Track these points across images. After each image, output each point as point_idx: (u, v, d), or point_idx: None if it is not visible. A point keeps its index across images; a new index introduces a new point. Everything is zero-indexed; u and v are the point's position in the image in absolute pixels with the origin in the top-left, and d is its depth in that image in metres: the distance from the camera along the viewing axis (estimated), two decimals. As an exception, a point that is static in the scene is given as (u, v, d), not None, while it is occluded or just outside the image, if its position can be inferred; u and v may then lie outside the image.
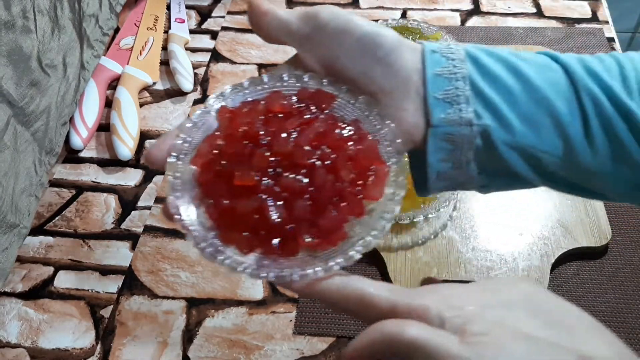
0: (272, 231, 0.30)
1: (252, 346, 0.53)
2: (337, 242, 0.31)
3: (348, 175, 0.31)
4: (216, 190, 0.31)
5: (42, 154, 0.62)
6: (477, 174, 0.34)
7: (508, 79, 0.32)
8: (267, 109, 0.33)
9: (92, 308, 0.56)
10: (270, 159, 0.31)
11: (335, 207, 0.31)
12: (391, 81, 0.32)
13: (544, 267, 0.55)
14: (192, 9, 0.90)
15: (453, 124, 0.32)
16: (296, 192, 0.30)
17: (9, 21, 0.56)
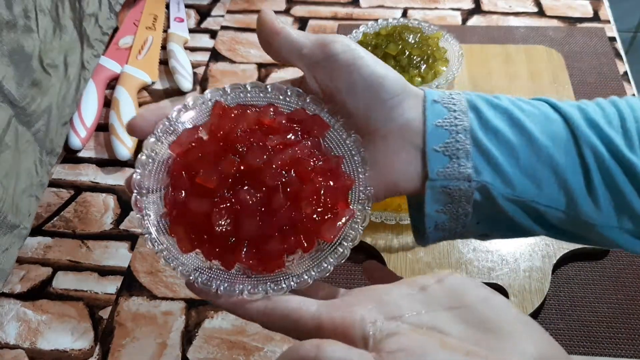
0: (215, 238, 0.30)
1: (251, 347, 0.52)
2: (273, 269, 0.30)
3: (307, 208, 0.30)
4: (179, 181, 0.31)
5: (42, 154, 0.62)
6: (476, 223, 0.33)
7: (510, 133, 0.31)
8: (257, 119, 0.33)
9: (90, 309, 0.56)
10: (238, 167, 0.30)
11: (283, 235, 0.30)
12: (389, 125, 0.32)
13: (546, 268, 0.55)
14: (191, 8, 0.90)
15: (451, 178, 0.31)
16: (248, 209, 0.30)
17: (10, 21, 0.55)
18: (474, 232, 0.34)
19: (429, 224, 0.33)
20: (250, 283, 0.30)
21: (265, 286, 0.30)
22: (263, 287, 0.30)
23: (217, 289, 0.30)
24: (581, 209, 0.31)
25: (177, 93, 0.77)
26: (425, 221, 0.33)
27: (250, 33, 0.86)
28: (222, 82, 0.78)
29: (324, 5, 0.90)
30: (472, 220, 0.33)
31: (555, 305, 0.53)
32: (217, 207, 0.30)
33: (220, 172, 0.30)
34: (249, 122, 0.32)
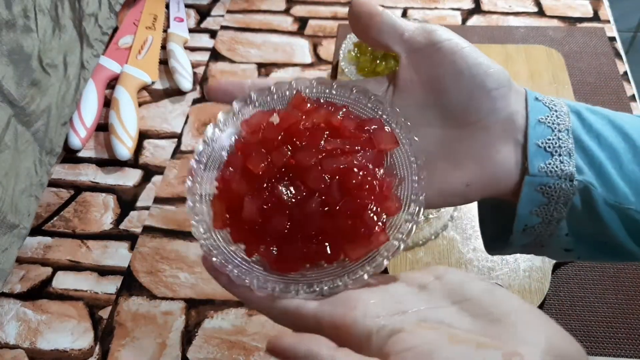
0: (244, 223, 0.30)
1: (251, 347, 0.52)
2: (288, 271, 0.30)
3: (342, 221, 0.30)
4: (234, 158, 0.31)
5: (42, 154, 0.62)
6: (565, 235, 0.32)
7: (612, 137, 0.31)
8: (326, 118, 0.32)
9: (90, 309, 0.56)
10: (288, 161, 0.30)
11: (308, 241, 0.30)
12: (492, 117, 0.31)
13: (546, 268, 0.55)
14: (191, 8, 0.90)
15: (552, 176, 0.30)
16: (280, 204, 0.29)
17: (9, 20, 0.55)
18: (557, 246, 0.33)
19: (518, 226, 0.32)
20: (282, 282, 0.30)
21: (296, 286, 0.29)
22: (294, 288, 0.29)
23: (250, 283, 0.29)
24: None
25: (177, 93, 0.77)
26: (515, 223, 0.32)
27: (250, 33, 0.86)
28: (222, 82, 0.78)
29: (324, 5, 0.90)
30: (562, 230, 0.32)
31: (555, 305, 0.53)
32: (254, 193, 0.29)
33: (270, 161, 0.30)
34: (317, 120, 0.31)
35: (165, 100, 0.76)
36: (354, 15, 0.33)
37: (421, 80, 0.32)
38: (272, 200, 0.30)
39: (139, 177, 0.67)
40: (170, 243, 0.61)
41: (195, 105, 0.75)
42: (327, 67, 0.79)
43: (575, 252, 0.34)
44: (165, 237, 0.61)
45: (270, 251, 0.30)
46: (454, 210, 0.60)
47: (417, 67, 0.32)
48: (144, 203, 0.65)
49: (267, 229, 0.30)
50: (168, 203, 0.64)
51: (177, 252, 0.60)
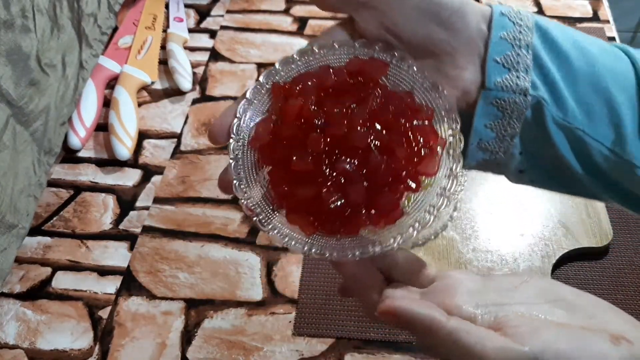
0: (332, 215, 0.31)
1: (251, 347, 0.52)
2: (394, 220, 0.31)
3: (403, 153, 0.31)
4: (276, 174, 0.32)
5: (41, 154, 0.62)
6: (519, 153, 0.33)
7: (574, 57, 0.31)
8: (320, 86, 0.33)
9: (90, 309, 0.56)
10: (325, 141, 0.31)
11: (391, 186, 0.31)
12: (454, 42, 0.32)
13: (545, 268, 0.55)
14: (190, 8, 0.90)
15: (507, 90, 0.31)
16: (353, 178, 0.30)
17: (8, 20, 0.55)
18: (512, 166, 0.34)
19: (473, 140, 0.33)
20: (378, 240, 0.31)
21: (373, 247, 0.30)
22: (372, 248, 0.30)
23: (351, 255, 0.30)
24: (628, 149, 0.31)
25: (177, 93, 0.77)
26: (471, 136, 0.33)
27: (250, 33, 0.85)
28: (221, 82, 0.78)
29: (323, 5, 0.89)
30: (515, 148, 0.33)
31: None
32: (323, 185, 0.30)
33: (311, 152, 0.31)
34: (314, 92, 0.32)
35: (164, 100, 0.76)
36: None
37: (377, 30, 0.33)
38: (341, 179, 0.30)
39: (138, 177, 0.67)
40: (169, 243, 0.61)
41: (195, 105, 0.75)
42: (327, 67, 0.79)
43: (527, 174, 0.35)
44: (165, 237, 0.61)
45: (369, 216, 0.31)
46: (453, 211, 0.60)
47: (369, 19, 0.33)
48: (144, 203, 0.65)
49: (353, 203, 0.30)
50: (167, 203, 0.64)
51: (176, 252, 0.60)
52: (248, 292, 0.56)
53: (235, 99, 0.80)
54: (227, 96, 0.76)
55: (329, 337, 0.53)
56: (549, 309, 0.29)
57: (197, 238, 0.61)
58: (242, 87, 0.77)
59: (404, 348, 0.52)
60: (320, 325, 0.53)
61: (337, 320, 0.54)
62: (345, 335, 0.53)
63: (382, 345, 0.52)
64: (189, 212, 0.63)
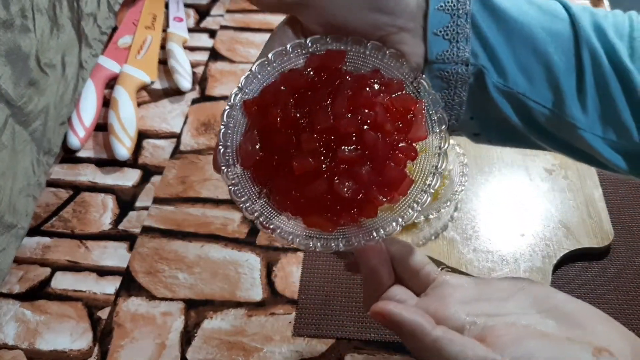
0: (349, 202, 0.31)
1: (251, 348, 0.52)
2: (406, 190, 0.31)
3: (392, 126, 0.31)
4: (280, 185, 0.32)
5: (40, 154, 0.62)
6: (470, 118, 0.34)
7: (512, 21, 0.31)
8: (290, 90, 0.33)
9: (89, 309, 0.56)
10: (317, 136, 0.31)
11: (392, 159, 0.31)
12: (397, 22, 0.32)
13: (546, 269, 0.55)
14: (190, 8, 0.89)
15: (449, 62, 0.32)
16: (356, 162, 0.31)
17: (7, 20, 0.55)
18: (467, 130, 0.35)
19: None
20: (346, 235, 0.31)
21: (377, 232, 0.31)
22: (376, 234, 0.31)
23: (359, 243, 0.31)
24: (568, 110, 0.31)
25: (176, 93, 0.77)
26: None
27: (250, 32, 0.85)
28: (221, 82, 0.78)
29: (323, 4, 0.89)
30: (465, 114, 0.33)
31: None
32: (332, 178, 0.31)
33: (307, 151, 0.31)
34: (287, 97, 0.33)
35: (164, 100, 0.76)
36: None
37: (318, 25, 0.33)
38: (346, 167, 0.31)
39: (138, 177, 0.67)
40: (169, 243, 0.61)
41: (195, 105, 0.75)
42: (327, 66, 0.79)
43: (483, 135, 0.35)
44: (164, 238, 0.61)
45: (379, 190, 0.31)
46: (454, 211, 0.60)
47: (308, 17, 0.33)
48: (143, 203, 0.64)
49: (364, 184, 0.31)
50: (167, 203, 0.64)
51: (176, 253, 0.60)
52: (248, 293, 0.56)
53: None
54: (227, 96, 0.76)
55: (329, 337, 0.53)
56: (540, 319, 0.29)
57: (197, 238, 0.61)
58: (242, 87, 0.77)
59: (404, 349, 0.51)
60: (320, 326, 0.53)
61: (337, 320, 0.53)
62: (345, 336, 0.52)
63: (382, 345, 0.52)
64: (189, 212, 0.63)
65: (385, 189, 0.31)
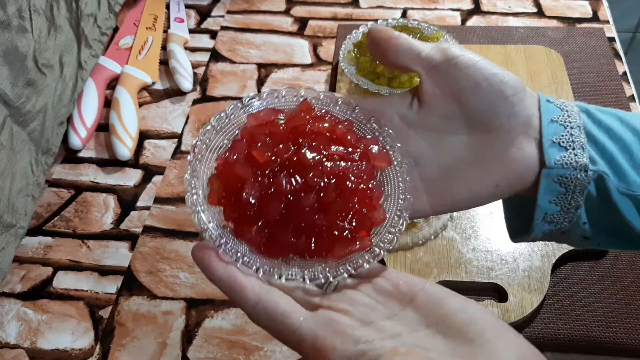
0: (241, 206, 0.31)
1: (251, 347, 0.53)
2: (276, 256, 0.32)
3: (331, 220, 0.32)
4: (238, 144, 0.33)
5: (38, 154, 0.62)
6: (583, 223, 0.35)
7: (622, 131, 0.33)
8: (331, 127, 0.34)
9: (91, 309, 0.56)
10: (291, 156, 0.32)
11: (297, 231, 0.32)
12: (512, 120, 0.34)
13: (545, 268, 0.55)
14: (191, 9, 0.90)
15: (568, 167, 0.33)
16: (278, 193, 0.31)
17: (4, 21, 0.55)
18: (577, 233, 0.36)
19: (538, 215, 0.34)
20: (268, 264, 0.31)
21: (279, 271, 0.31)
22: (278, 272, 0.31)
23: (256, 269, 0.31)
24: None
25: (177, 93, 0.77)
26: (535, 212, 0.34)
27: (250, 33, 0.86)
28: (222, 82, 0.78)
29: (323, 5, 0.90)
30: (580, 218, 0.34)
31: (555, 304, 0.54)
32: (254, 178, 0.31)
33: (275, 153, 0.32)
34: (321, 125, 0.34)
35: (165, 101, 0.76)
36: (372, 41, 0.35)
37: (443, 94, 0.34)
38: (271, 187, 0.31)
39: (139, 177, 0.67)
40: (170, 243, 0.61)
41: (196, 106, 0.75)
42: (327, 67, 0.79)
43: (593, 239, 0.36)
44: (166, 237, 0.61)
45: (260, 234, 0.32)
46: (453, 210, 0.60)
47: (437, 82, 0.34)
48: (145, 203, 0.65)
49: (262, 212, 0.31)
50: (168, 203, 0.65)
51: (177, 252, 0.60)
52: (248, 292, 0.57)
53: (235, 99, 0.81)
54: (228, 96, 0.76)
55: (329, 336, 0.53)
56: (427, 336, 0.28)
57: (198, 238, 0.61)
58: (243, 88, 0.77)
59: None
60: (320, 325, 0.53)
61: (337, 320, 0.54)
62: (346, 335, 0.53)
63: (382, 344, 0.52)
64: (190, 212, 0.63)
65: (264, 236, 0.32)
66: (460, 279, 0.55)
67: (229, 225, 0.32)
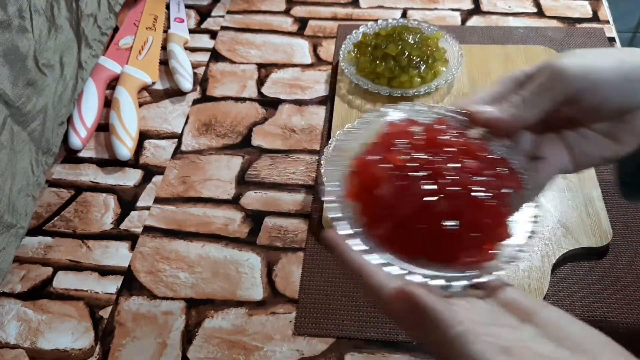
0: (378, 202, 0.33)
1: (251, 347, 0.53)
2: (410, 254, 0.33)
3: (467, 230, 0.33)
4: (379, 147, 0.35)
5: (39, 153, 0.62)
6: None
7: None
8: (469, 145, 0.35)
9: (91, 309, 0.56)
10: (432, 164, 0.33)
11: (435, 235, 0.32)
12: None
13: (545, 268, 0.55)
14: (191, 9, 0.90)
15: None
16: (414, 192, 0.32)
17: (5, 21, 0.55)
18: None
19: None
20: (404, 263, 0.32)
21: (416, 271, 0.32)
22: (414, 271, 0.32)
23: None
24: None
25: (177, 93, 0.77)
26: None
27: (250, 33, 0.86)
28: (222, 82, 0.78)
29: (323, 5, 0.90)
30: None
31: (555, 304, 0.53)
32: (391, 179, 0.32)
33: (412, 159, 0.33)
34: (458, 140, 0.35)
35: (165, 101, 0.76)
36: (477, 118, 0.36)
37: (577, 110, 0.35)
38: (406, 188, 0.32)
39: (139, 177, 0.67)
40: (170, 243, 0.61)
41: (196, 106, 0.75)
42: (327, 67, 0.79)
43: None
44: (166, 237, 0.61)
45: (391, 232, 0.32)
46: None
47: (564, 109, 0.35)
48: (145, 203, 0.65)
49: (395, 211, 0.32)
50: (168, 203, 0.65)
51: (177, 252, 0.60)
52: (248, 292, 0.57)
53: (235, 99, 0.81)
54: (228, 96, 0.76)
55: (329, 336, 0.53)
56: (554, 349, 0.29)
57: (198, 238, 0.61)
58: (242, 88, 0.77)
59: (404, 348, 0.52)
60: (320, 325, 0.53)
61: (337, 320, 0.54)
62: (346, 335, 0.53)
63: (383, 345, 0.52)
64: (190, 212, 0.64)
65: (398, 237, 0.32)
66: (460, 279, 0.55)
67: (363, 220, 0.33)
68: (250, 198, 0.65)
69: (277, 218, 0.62)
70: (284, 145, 0.70)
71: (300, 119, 0.73)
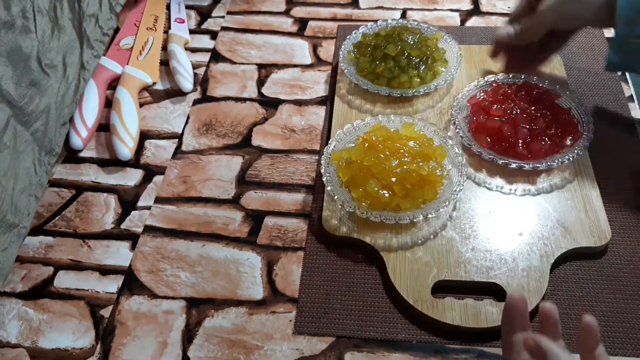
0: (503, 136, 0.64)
1: (251, 346, 0.53)
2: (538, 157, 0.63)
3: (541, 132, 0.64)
4: (480, 108, 0.68)
5: (41, 154, 0.62)
6: None
7: None
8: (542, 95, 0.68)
9: (92, 308, 0.56)
10: (516, 106, 0.66)
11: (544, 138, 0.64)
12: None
13: (544, 268, 0.55)
14: (191, 9, 0.90)
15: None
16: (522, 123, 0.64)
17: (8, 21, 0.56)
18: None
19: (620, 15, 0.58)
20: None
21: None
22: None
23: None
24: None
25: (178, 93, 0.77)
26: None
27: (251, 34, 0.86)
28: (222, 83, 0.78)
29: (323, 6, 0.90)
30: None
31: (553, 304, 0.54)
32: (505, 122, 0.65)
33: (505, 108, 0.66)
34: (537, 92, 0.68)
35: (166, 101, 0.76)
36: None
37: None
38: (514, 119, 0.65)
39: (140, 177, 0.68)
40: (171, 242, 0.61)
41: (196, 106, 0.76)
42: (327, 67, 0.80)
43: None
44: (166, 237, 0.62)
45: (494, 136, 0.65)
46: (452, 210, 0.61)
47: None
48: (145, 203, 0.65)
49: (516, 135, 0.64)
50: (169, 203, 0.65)
51: (177, 252, 0.60)
52: (249, 291, 0.57)
53: (235, 99, 0.81)
54: (228, 97, 0.77)
55: (329, 335, 0.53)
56: None
57: (198, 237, 0.61)
58: (243, 88, 0.78)
59: (404, 347, 0.52)
60: (320, 324, 0.54)
61: (337, 319, 0.54)
62: (346, 334, 0.53)
63: (382, 344, 0.52)
64: (190, 212, 0.64)
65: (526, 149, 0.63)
66: (460, 278, 0.55)
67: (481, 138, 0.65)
68: (250, 198, 0.65)
69: (277, 218, 0.63)
70: (284, 145, 0.70)
71: (300, 119, 0.73)
